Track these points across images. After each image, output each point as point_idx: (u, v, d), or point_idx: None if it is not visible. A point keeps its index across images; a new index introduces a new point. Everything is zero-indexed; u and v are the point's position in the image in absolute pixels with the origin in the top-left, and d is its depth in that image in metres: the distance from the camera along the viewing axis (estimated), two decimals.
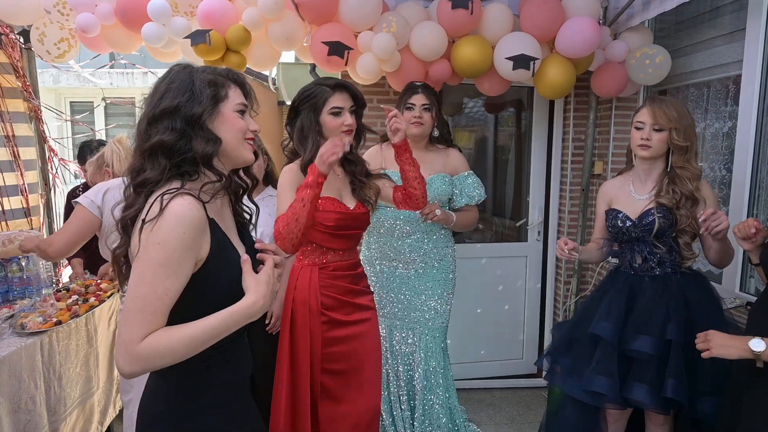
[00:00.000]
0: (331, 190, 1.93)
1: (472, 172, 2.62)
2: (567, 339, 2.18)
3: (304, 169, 1.85)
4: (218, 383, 1.15)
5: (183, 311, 1.04)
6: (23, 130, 2.97)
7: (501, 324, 3.47)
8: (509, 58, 2.47)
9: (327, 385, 1.95)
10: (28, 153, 3.00)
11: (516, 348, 3.53)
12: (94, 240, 2.79)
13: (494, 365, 3.50)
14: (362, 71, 2.53)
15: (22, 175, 2.91)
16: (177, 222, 1.01)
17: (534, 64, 2.48)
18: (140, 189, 1.08)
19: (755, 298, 2.19)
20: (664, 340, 1.89)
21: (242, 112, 1.16)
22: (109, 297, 2.46)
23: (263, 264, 1.14)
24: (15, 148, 2.85)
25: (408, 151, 1.96)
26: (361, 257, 2.45)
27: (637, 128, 1.99)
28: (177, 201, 1.02)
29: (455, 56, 2.58)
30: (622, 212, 2.06)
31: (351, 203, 1.97)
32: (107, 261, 2.33)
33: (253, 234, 1.32)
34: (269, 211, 2.41)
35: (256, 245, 1.17)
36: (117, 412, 2.58)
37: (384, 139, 2.52)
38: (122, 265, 1.14)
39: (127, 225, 1.09)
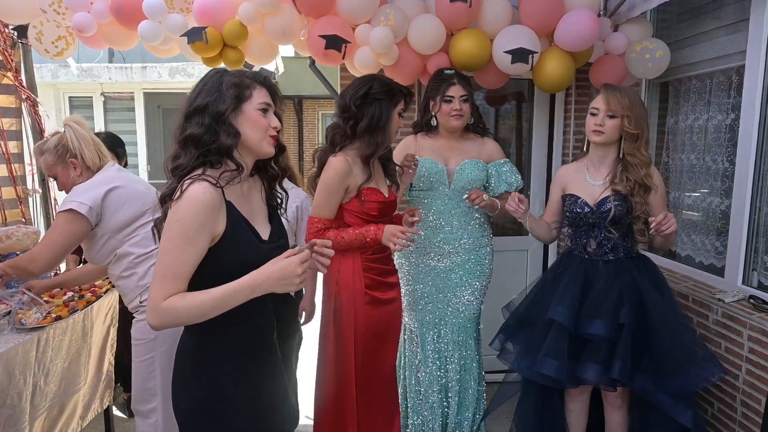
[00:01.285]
0: (372, 180, 2.04)
1: (507, 160, 2.62)
2: (521, 319, 2.28)
3: (366, 160, 2.00)
4: (236, 341, 1.33)
5: (198, 280, 1.23)
6: (16, 124, 2.97)
7: (502, 318, 3.45)
8: (508, 52, 2.44)
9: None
10: (20, 147, 2.99)
11: None
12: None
13: (494, 359, 3.49)
14: (359, 65, 2.51)
15: (9, 164, 2.90)
16: (192, 203, 1.20)
17: (533, 57, 2.45)
18: (175, 172, 1.28)
19: (757, 292, 2.19)
20: (617, 324, 1.98)
21: (265, 111, 1.32)
22: (105, 293, 2.45)
23: (280, 243, 1.39)
24: (5, 143, 2.83)
25: None
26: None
27: (592, 114, 2.09)
28: (195, 186, 1.22)
29: (454, 49, 2.55)
30: (581, 198, 2.14)
31: (385, 190, 2.11)
32: None
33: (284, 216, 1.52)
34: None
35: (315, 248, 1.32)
36: (104, 408, 2.56)
37: (418, 129, 2.56)
38: (159, 231, 1.32)
39: (165, 200, 1.28)
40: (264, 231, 1.38)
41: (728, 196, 2.44)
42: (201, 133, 1.26)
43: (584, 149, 2.24)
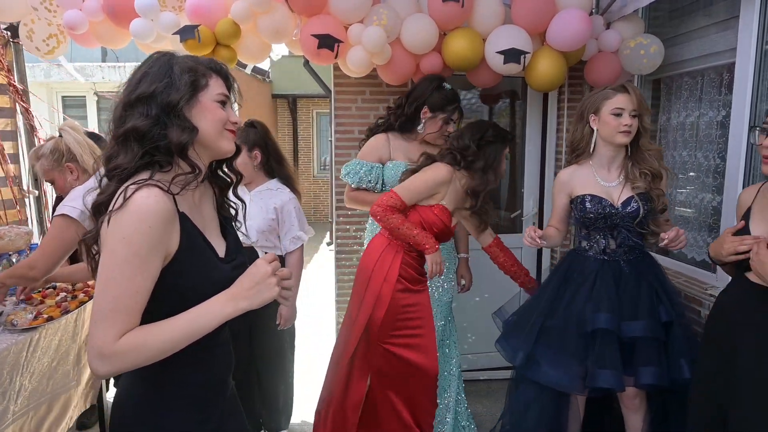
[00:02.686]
0: (452, 202, 2.24)
1: None
2: (542, 329, 2.16)
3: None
4: (190, 383, 1.12)
5: (152, 308, 1.01)
6: (11, 124, 2.95)
7: (487, 316, 3.46)
8: (500, 52, 2.45)
9: (397, 351, 2.24)
10: (9, 147, 2.98)
11: None
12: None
13: (490, 356, 3.51)
14: (352, 64, 2.51)
15: (5, 164, 2.89)
16: (142, 216, 0.97)
17: (525, 57, 2.46)
18: (111, 175, 1.05)
19: None
20: (660, 323, 1.95)
21: (223, 103, 1.12)
22: None
23: (238, 262, 1.16)
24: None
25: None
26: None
27: (617, 115, 1.99)
28: (142, 193, 0.98)
29: (446, 49, 2.56)
30: (605, 198, 2.06)
31: (453, 222, 2.30)
32: None
33: (242, 229, 1.31)
34: (262, 204, 2.40)
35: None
36: (87, 407, 2.55)
37: (391, 129, 2.57)
38: (94, 253, 1.08)
39: (99, 211, 1.05)
40: (219, 247, 1.16)
41: (719, 192, 2.46)
42: (147, 127, 1.03)
43: (590, 150, 2.12)
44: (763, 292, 1.50)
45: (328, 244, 8.50)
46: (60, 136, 2.11)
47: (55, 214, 1.94)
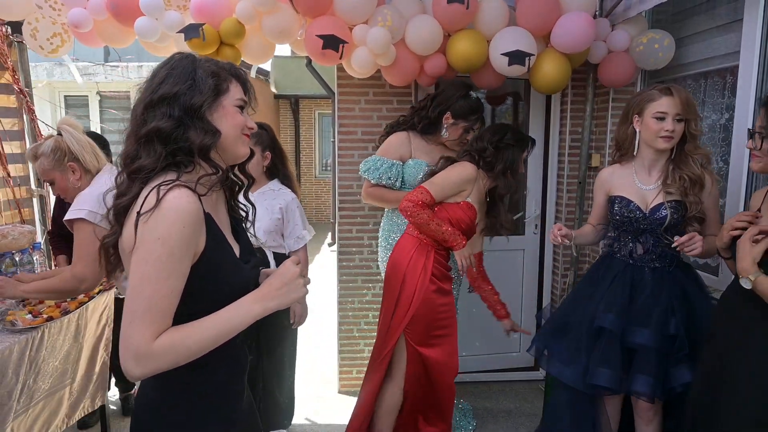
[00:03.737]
0: (476, 201, 2.28)
1: None
2: (558, 325, 2.20)
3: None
4: (212, 383, 1.14)
5: (180, 307, 1.01)
6: (18, 124, 2.96)
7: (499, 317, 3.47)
8: (505, 54, 2.45)
9: (426, 352, 2.27)
10: (17, 147, 2.98)
11: (513, 341, 3.53)
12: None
13: (491, 358, 3.51)
14: (357, 65, 2.51)
15: (5, 167, 2.89)
16: (177, 216, 0.98)
17: (529, 60, 2.47)
18: (134, 176, 1.05)
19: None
20: (667, 335, 1.91)
21: (241, 108, 1.14)
22: (98, 293, 2.44)
23: (255, 263, 1.19)
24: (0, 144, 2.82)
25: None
26: (382, 251, 2.73)
27: (659, 119, 1.92)
28: (174, 193, 0.99)
29: (451, 51, 2.56)
30: (633, 202, 2.04)
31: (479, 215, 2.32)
32: None
33: (251, 230, 1.31)
34: (267, 205, 2.42)
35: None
36: (95, 407, 2.55)
37: (412, 128, 2.63)
38: (111, 255, 1.09)
39: (119, 214, 1.05)
40: (234, 248, 1.17)
41: (723, 195, 2.45)
42: (170, 128, 1.04)
43: (633, 151, 2.07)
44: None
45: (330, 244, 8.50)
46: (59, 134, 2.03)
47: (73, 217, 1.87)
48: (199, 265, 1.04)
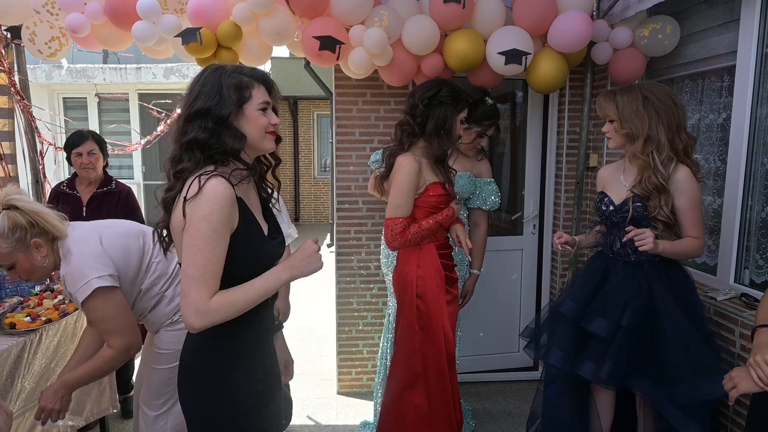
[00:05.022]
0: (433, 176, 2.17)
1: (493, 180, 2.79)
2: (548, 316, 2.30)
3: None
4: (246, 342, 1.37)
5: (223, 272, 1.25)
6: (8, 125, 2.96)
7: (497, 317, 3.47)
8: (501, 53, 2.46)
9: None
10: (7, 147, 2.98)
11: (512, 341, 3.53)
12: None
13: (490, 359, 3.51)
14: (354, 66, 2.52)
15: (5, 167, 2.89)
16: (215, 199, 1.21)
17: (526, 58, 2.47)
18: (178, 176, 1.28)
19: (749, 290, 2.21)
20: (620, 325, 1.97)
21: (264, 110, 1.34)
22: None
23: (280, 240, 1.44)
24: None
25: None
26: (384, 248, 2.71)
27: (608, 121, 2.09)
28: (213, 181, 1.22)
29: (448, 50, 2.56)
30: (608, 196, 2.14)
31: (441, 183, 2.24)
32: None
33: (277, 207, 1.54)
34: None
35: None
36: (103, 413, 2.53)
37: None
38: (164, 237, 1.38)
39: (168, 204, 1.29)
40: (264, 227, 1.41)
41: (720, 194, 2.46)
42: (206, 138, 1.27)
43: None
44: None
45: (329, 245, 8.49)
46: (8, 208, 1.66)
47: (83, 296, 1.64)
48: (234, 239, 1.27)
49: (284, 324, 2.57)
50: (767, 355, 1.37)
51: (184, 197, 1.22)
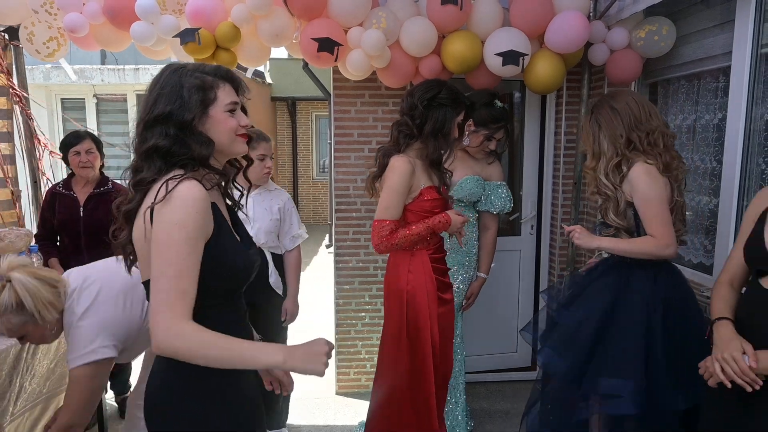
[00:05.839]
0: (427, 180, 2.11)
1: (504, 183, 2.76)
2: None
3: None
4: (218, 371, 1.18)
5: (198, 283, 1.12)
6: (7, 125, 2.97)
7: (495, 318, 3.48)
8: (499, 54, 2.47)
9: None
10: (6, 149, 2.98)
11: (510, 341, 3.55)
12: (69, 237, 2.74)
13: (488, 359, 3.52)
14: (352, 67, 2.53)
15: (4, 169, 2.90)
16: (191, 203, 1.09)
17: (523, 60, 2.48)
18: (138, 187, 1.16)
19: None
20: (575, 316, 2.01)
21: (233, 111, 1.21)
22: None
23: (256, 250, 1.32)
24: None
25: None
26: None
27: None
28: (186, 184, 1.10)
29: (445, 52, 2.58)
30: None
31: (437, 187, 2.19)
32: (82, 263, 1.97)
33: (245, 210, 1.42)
34: (266, 206, 2.48)
35: None
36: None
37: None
38: (129, 252, 1.22)
39: (130, 217, 1.17)
40: (236, 236, 1.29)
41: (716, 194, 2.47)
42: (168, 145, 1.14)
43: None
44: None
45: (328, 246, 8.50)
46: (9, 281, 1.62)
47: (83, 361, 1.63)
48: (209, 247, 1.14)
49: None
50: (735, 352, 1.40)
51: (152, 202, 1.09)
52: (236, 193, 1.38)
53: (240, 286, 1.26)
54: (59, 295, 1.70)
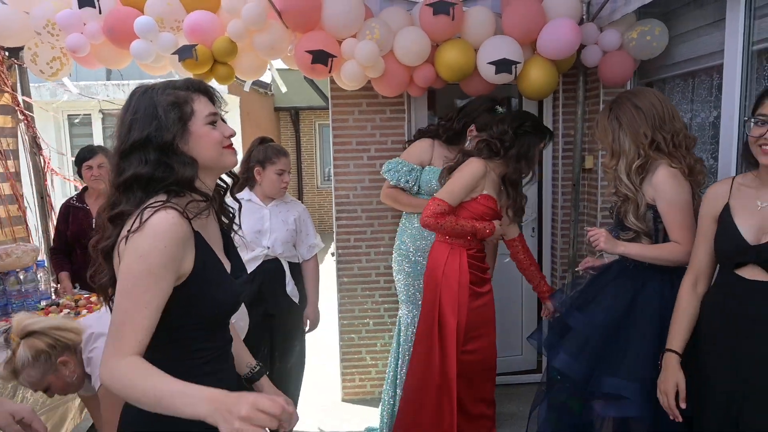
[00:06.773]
0: (492, 191, 2.34)
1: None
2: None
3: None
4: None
5: (167, 326, 1.04)
6: (12, 143, 3.03)
7: (498, 320, 3.47)
8: (492, 63, 2.50)
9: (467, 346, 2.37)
10: (11, 165, 3.04)
11: (514, 344, 3.55)
12: (81, 249, 2.80)
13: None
14: (346, 78, 2.56)
15: (13, 185, 2.96)
16: (158, 236, 1.00)
17: (516, 67, 2.51)
18: (116, 221, 1.07)
19: None
20: (591, 321, 1.98)
21: (213, 123, 1.14)
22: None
23: (245, 279, 1.25)
24: (5, 161, 2.89)
25: None
26: (395, 253, 2.82)
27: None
28: (160, 215, 1.02)
29: (439, 61, 2.61)
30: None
31: (497, 201, 2.39)
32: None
33: (240, 233, 1.35)
34: (282, 217, 2.54)
35: None
36: (81, 419, 2.57)
37: (436, 137, 2.75)
38: (112, 295, 1.09)
39: (108, 255, 1.08)
40: (226, 264, 1.20)
41: None
42: (149, 172, 1.06)
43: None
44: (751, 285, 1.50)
45: (333, 254, 8.52)
46: (25, 337, 1.63)
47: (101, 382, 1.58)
48: (188, 283, 1.07)
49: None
50: (669, 389, 1.62)
51: (128, 230, 1.02)
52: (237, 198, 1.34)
53: (222, 320, 1.20)
54: (70, 325, 1.71)
